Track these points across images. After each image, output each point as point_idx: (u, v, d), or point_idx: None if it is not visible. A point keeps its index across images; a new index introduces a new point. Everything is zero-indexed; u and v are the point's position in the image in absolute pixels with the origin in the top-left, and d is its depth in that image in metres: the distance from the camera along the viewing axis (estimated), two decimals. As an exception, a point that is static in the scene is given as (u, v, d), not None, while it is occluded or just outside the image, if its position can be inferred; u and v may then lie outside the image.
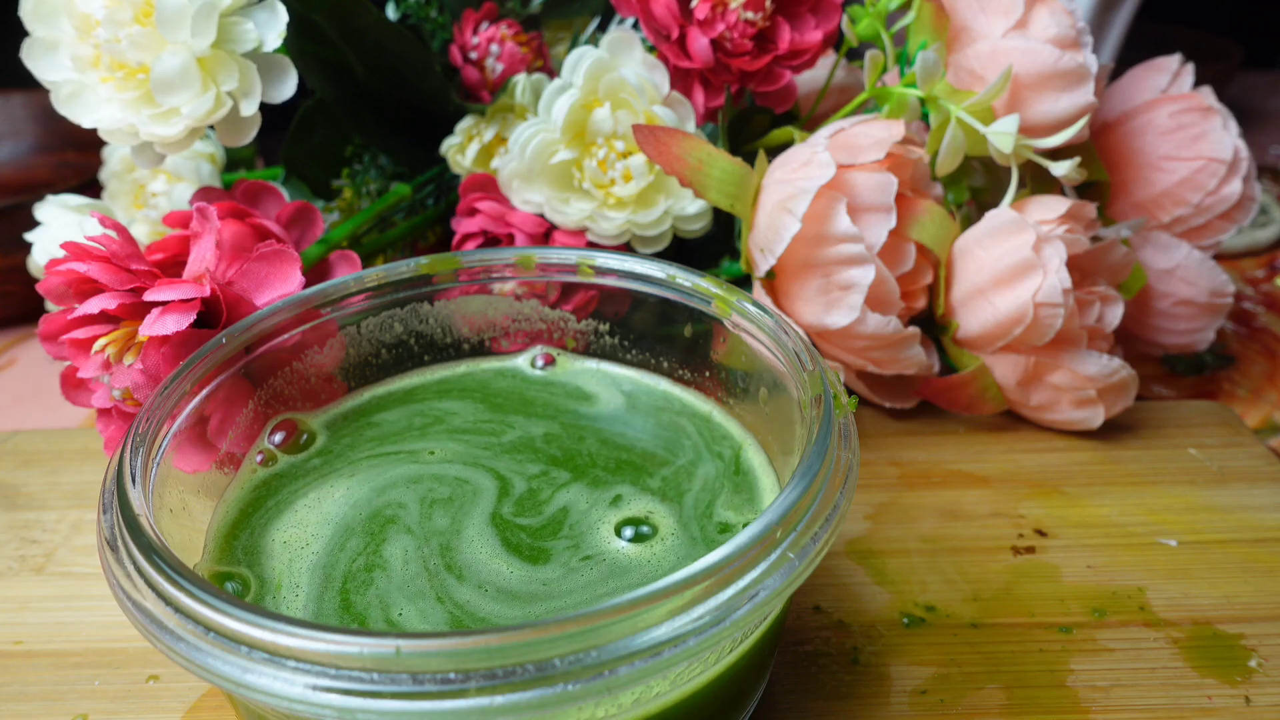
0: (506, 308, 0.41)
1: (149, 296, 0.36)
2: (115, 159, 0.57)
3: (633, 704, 0.27)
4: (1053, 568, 0.40)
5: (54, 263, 0.38)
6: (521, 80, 0.52)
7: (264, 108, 0.42)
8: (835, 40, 0.50)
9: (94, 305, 0.37)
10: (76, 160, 0.67)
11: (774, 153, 0.48)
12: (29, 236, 0.54)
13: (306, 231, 0.45)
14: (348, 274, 0.40)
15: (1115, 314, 0.47)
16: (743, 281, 0.50)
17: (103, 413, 0.40)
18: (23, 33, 0.41)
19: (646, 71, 0.48)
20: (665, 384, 0.40)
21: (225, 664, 0.24)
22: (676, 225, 0.49)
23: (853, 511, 0.43)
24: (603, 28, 0.59)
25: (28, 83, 0.44)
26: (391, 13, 0.56)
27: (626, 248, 0.49)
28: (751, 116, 0.52)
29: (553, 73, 0.55)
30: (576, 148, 0.48)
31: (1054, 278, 0.44)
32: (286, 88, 0.42)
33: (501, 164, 0.50)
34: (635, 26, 0.53)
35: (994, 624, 0.38)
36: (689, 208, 0.48)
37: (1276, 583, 0.39)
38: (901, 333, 0.45)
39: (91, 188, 0.60)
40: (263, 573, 0.32)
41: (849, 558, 0.41)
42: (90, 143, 0.53)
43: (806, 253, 0.44)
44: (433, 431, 0.38)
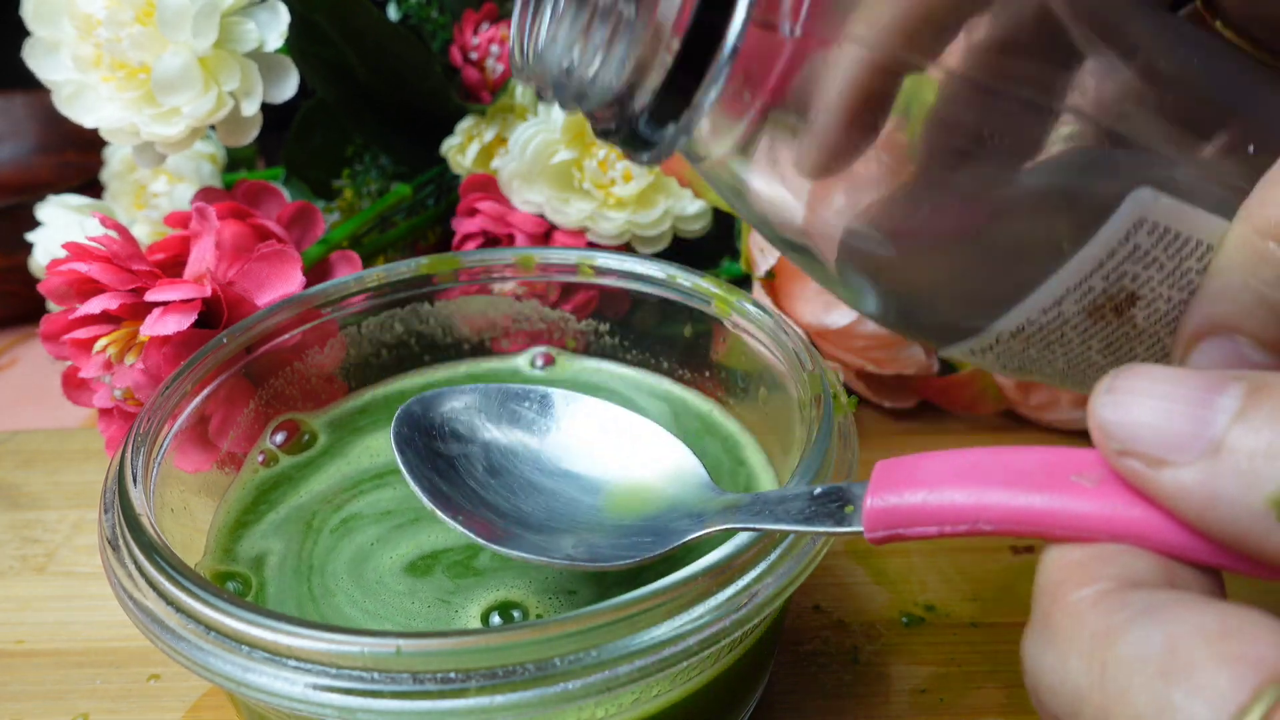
0: (507, 308, 0.41)
1: (150, 297, 0.37)
2: (116, 159, 0.57)
3: (632, 703, 0.27)
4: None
5: (55, 263, 0.38)
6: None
7: (265, 108, 0.42)
8: (835, 40, 0.50)
9: (95, 305, 0.37)
10: (78, 160, 0.67)
11: (774, 153, 0.48)
12: (30, 237, 0.54)
13: (307, 232, 0.45)
14: (348, 274, 0.41)
15: (1115, 314, 0.47)
16: (743, 281, 0.50)
17: (104, 412, 0.40)
18: (24, 33, 0.41)
19: (647, 72, 0.48)
20: (666, 383, 0.40)
21: (226, 663, 0.24)
22: (676, 225, 0.49)
23: (853, 511, 0.43)
24: (603, 28, 0.59)
25: (29, 83, 0.44)
26: (392, 13, 0.56)
27: (626, 248, 0.49)
28: (752, 117, 0.52)
29: (553, 73, 0.55)
30: (577, 148, 0.48)
31: (1054, 278, 0.44)
32: (288, 88, 0.42)
33: (502, 164, 0.51)
34: (635, 27, 0.53)
35: (994, 623, 0.38)
36: (689, 208, 0.48)
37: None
38: (901, 333, 0.45)
39: (93, 188, 0.60)
40: (264, 572, 0.32)
41: (849, 557, 0.41)
42: (91, 143, 0.53)
43: (806, 253, 0.44)
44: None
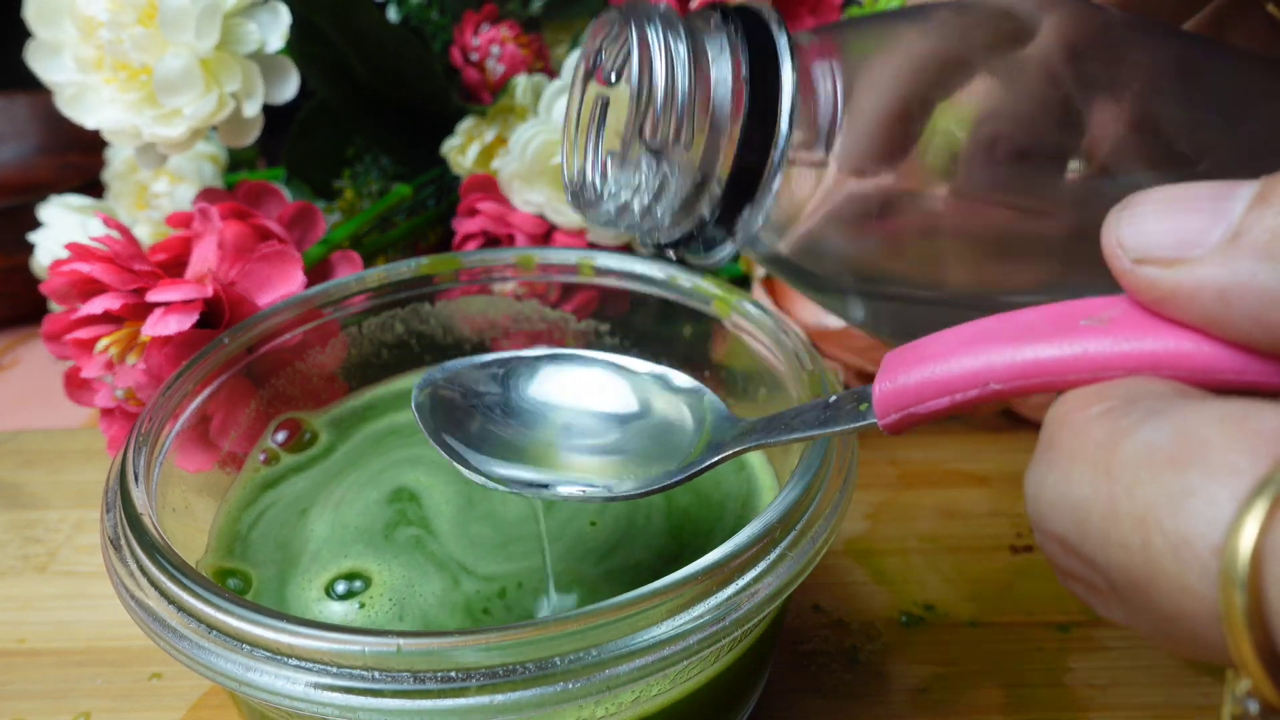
0: (507, 308, 0.42)
1: (152, 297, 0.37)
2: (118, 160, 0.57)
3: (632, 702, 0.27)
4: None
5: (57, 263, 0.39)
6: (522, 81, 0.52)
7: (266, 109, 0.42)
8: (835, 41, 0.50)
9: (97, 305, 0.37)
10: (79, 161, 0.67)
11: (774, 153, 0.48)
12: (32, 237, 0.54)
13: (308, 232, 0.45)
14: (349, 274, 0.41)
15: (1114, 314, 0.47)
16: (743, 281, 0.50)
17: (106, 412, 0.41)
18: (26, 34, 0.41)
19: (647, 72, 0.48)
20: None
21: (227, 662, 0.24)
22: (677, 226, 0.49)
23: (852, 511, 0.44)
24: (603, 29, 0.59)
25: (31, 84, 0.44)
26: (393, 14, 0.56)
27: (626, 248, 0.49)
28: (752, 117, 0.52)
29: (553, 74, 0.55)
30: (577, 148, 0.48)
31: (1053, 278, 0.44)
32: (289, 89, 0.42)
33: (502, 165, 0.51)
34: (636, 27, 0.53)
35: (993, 623, 0.38)
36: (689, 208, 0.48)
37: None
38: (901, 333, 0.45)
39: (94, 188, 0.60)
40: (264, 569, 0.32)
41: (848, 557, 0.41)
42: (93, 144, 0.53)
43: (806, 253, 0.44)
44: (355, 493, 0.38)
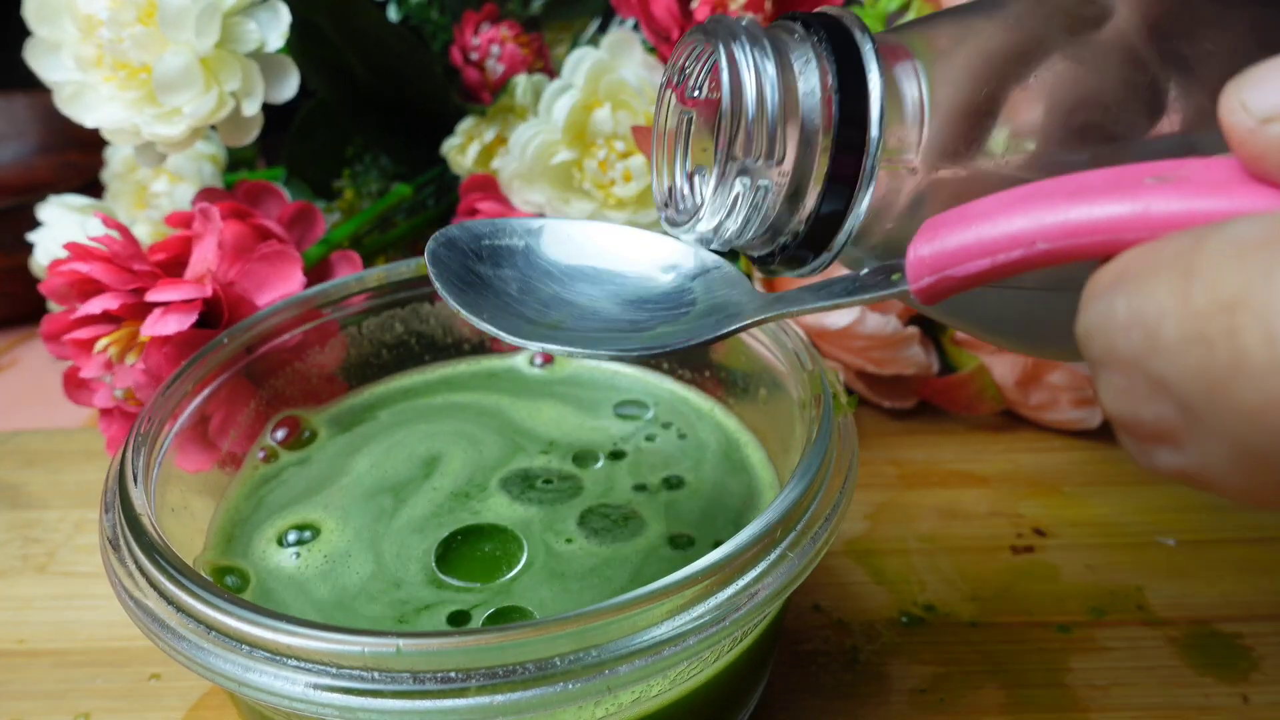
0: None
1: (151, 297, 0.37)
2: (117, 159, 0.57)
3: (632, 703, 0.27)
4: (1051, 567, 0.41)
5: (56, 263, 0.39)
6: (522, 81, 0.52)
7: (266, 108, 0.42)
8: (835, 41, 0.50)
9: (96, 305, 0.37)
10: (79, 161, 0.67)
11: (774, 153, 0.48)
12: (31, 237, 0.54)
13: (308, 232, 0.45)
14: (349, 274, 0.41)
15: (1114, 314, 0.47)
16: (743, 282, 0.50)
17: (105, 412, 0.41)
18: (25, 33, 0.41)
19: (646, 72, 0.48)
20: (667, 383, 0.40)
21: (227, 663, 0.24)
22: (677, 225, 0.49)
23: (852, 511, 0.44)
24: (603, 29, 0.59)
25: (30, 83, 0.44)
26: (393, 14, 0.56)
27: (627, 248, 0.49)
28: (751, 117, 0.52)
29: (553, 74, 0.55)
30: (577, 148, 0.48)
31: (1053, 278, 0.44)
32: (288, 88, 0.42)
33: (502, 164, 0.51)
34: (635, 28, 0.53)
35: (993, 623, 0.38)
36: (689, 208, 0.48)
37: (1274, 582, 0.40)
38: (900, 332, 0.45)
39: (94, 188, 0.60)
40: (262, 567, 0.32)
41: (848, 557, 0.41)
42: (92, 143, 0.53)
43: (806, 253, 0.44)
44: (435, 427, 0.38)
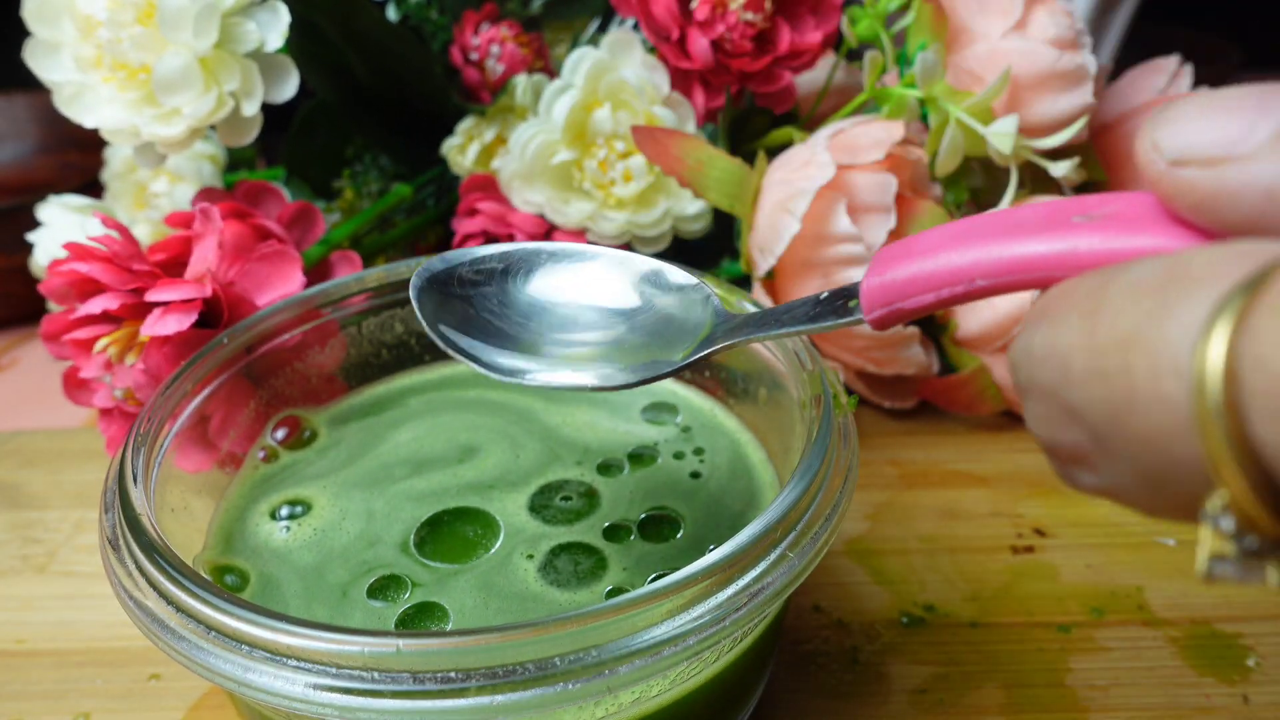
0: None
1: (150, 297, 0.37)
2: (117, 160, 0.57)
3: (632, 703, 0.27)
4: (1051, 567, 0.41)
5: (56, 263, 0.39)
6: (522, 81, 0.52)
7: (265, 108, 0.42)
8: (835, 41, 0.50)
9: (96, 305, 0.37)
10: (78, 161, 0.67)
11: (774, 153, 0.48)
12: (31, 237, 0.54)
13: (308, 232, 0.45)
14: (349, 274, 0.41)
15: (1114, 314, 0.47)
16: (743, 281, 0.50)
17: (104, 412, 0.41)
18: (25, 33, 0.41)
19: (646, 72, 0.48)
20: (667, 383, 0.40)
21: (226, 663, 0.24)
22: (676, 225, 0.49)
23: (852, 511, 0.44)
24: (603, 29, 0.59)
25: (30, 83, 0.44)
26: (392, 14, 0.56)
27: (627, 248, 0.49)
28: (751, 117, 0.52)
29: (553, 73, 0.55)
30: (577, 148, 0.48)
31: (1053, 278, 0.44)
32: (288, 88, 0.42)
33: (502, 164, 0.51)
34: (635, 27, 0.53)
35: (993, 623, 0.38)
36: (689, 208, 0.48)
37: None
38: (901, 333, 0.45)
39: (93, 188, 0.60)
40: (262, 566, 0.32)
41: (849, 557, 0.41)
42: (92, 143, 0.53)
43: (806, 253, 0.44)
44: (435, 426, 0.38)
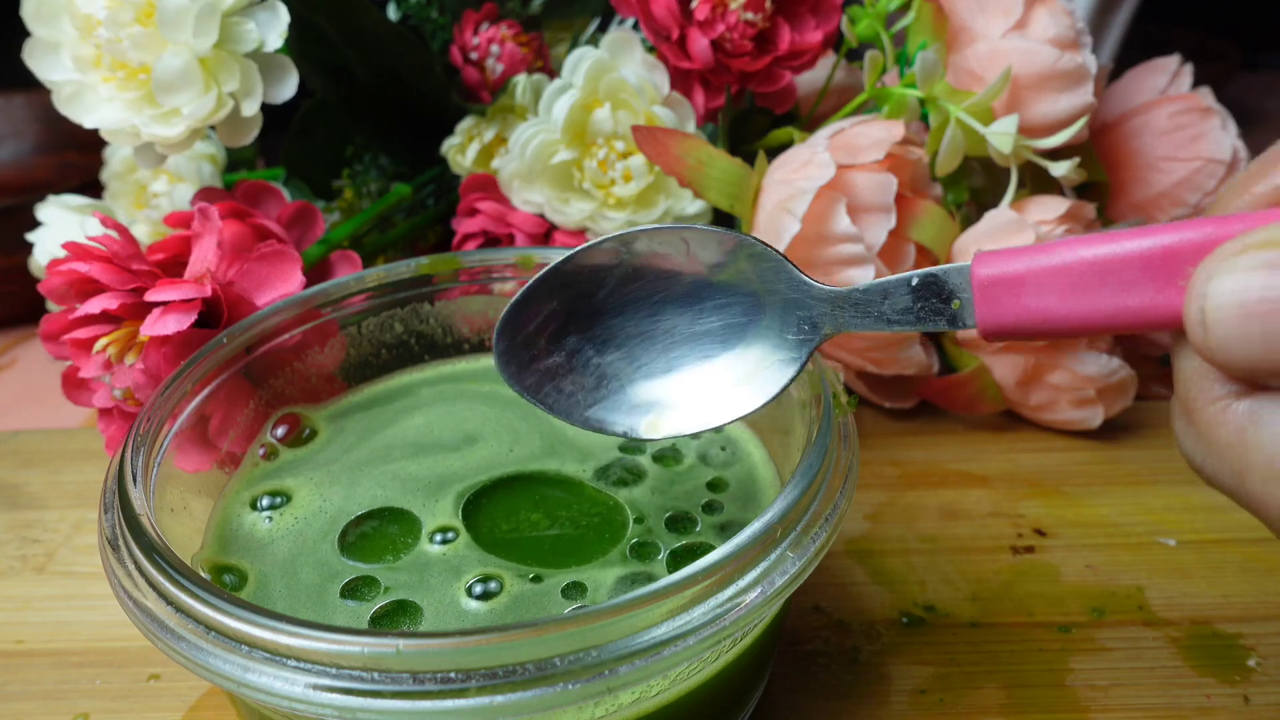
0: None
1: (150, 296, 0.37)
2: (117, 159, 0.57)
3: (632, 703, 0.27)
4: (1052, 567, 0.41)
5: (55, 263, 0.39)
6: (522, 81, 0.52)
7: (265, 108, 0.42)
8: (835, 41, 0.50)
9: (95, 305, 0.37)
10: (78, 161, 0.67)
11: (774, 153, 0.48)
12: (30, 237, 0.54)
13: (307, 231, 0.45)
14: (348, 274, 0.41)
15: (1115, 314, 0.47)
16: (743, 282, 0.50)
17: (104, 412, 0.41)
18: (24, 33, 0.41)
19: (646, 72, 0.48)
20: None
21: (226, 663, 0.24)
22: (676, 225, 0.49)
23: (852, 511, 0.44)
24: (603, 28, 0.59)
25: (29, 83, 0.44)
26: (392, 13, 0.56)
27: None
28: (751, 117, 0.52)
29: (553, 73, 0.55)
30: (577, 148, 0.48)
31: (1053, 278, 0.44)
32: (287, 88, 0.42)
33: (502, 164, 0.51)
34: (635, 27, 0.53)
35: (993, 623, 0.38)
36: (689, 208, 0.48)
37: (1275, 582, 0.39)
38: (901, 333, 0.45)
39: (93, 188, 0.60)
40: (261, 564, 0.32)
41: (849, 557, 0.41)
42: (92, 143, 0.53)
43: (806, 253, 0.44)
44: (435, 424, 0.38)
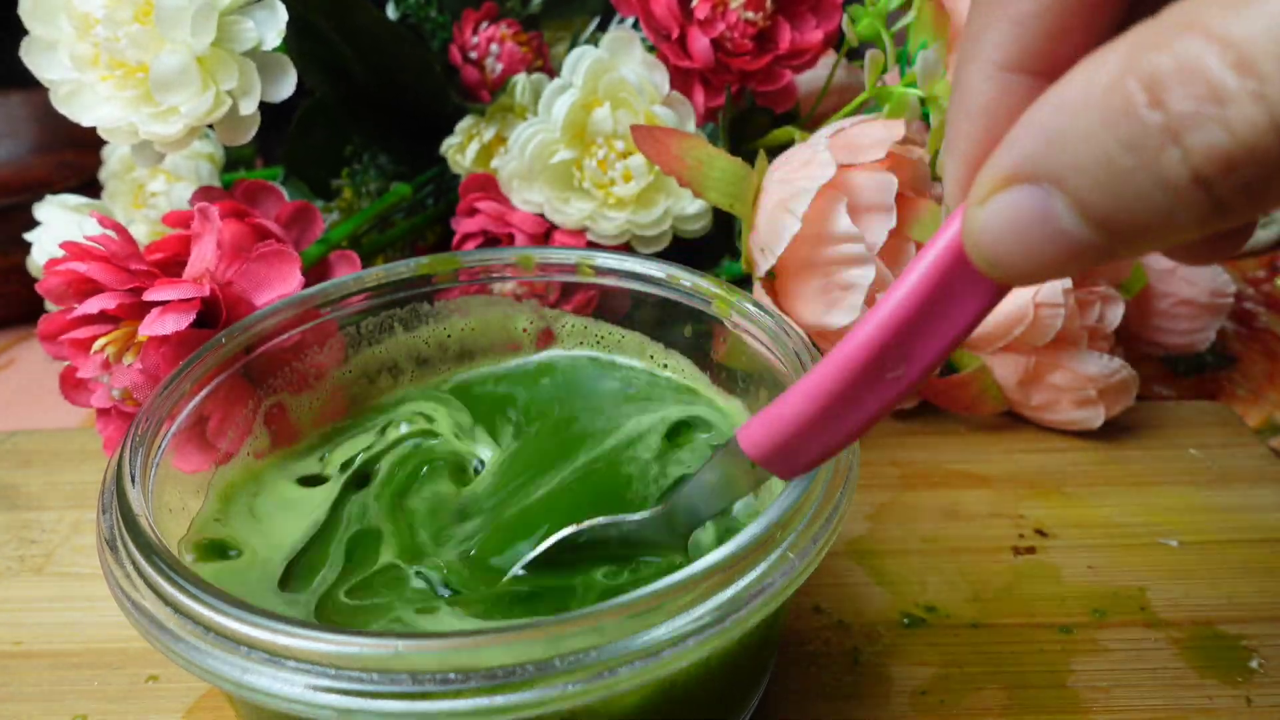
0: (506, 308, 0.41)
1: (148, 296, 0.36)
2: (114, 158, 0.57)
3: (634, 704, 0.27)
4: (1053, 568, 0.40)
5: (53, 262, 0.38)
6: (521, 80, 0.52)
7: (263, 107, 0.42)
8: (835, 40, 0.50)
9: (93, 305, 0.37)
10: (76, 160, 0.66)
11: (774, 153, 0.48)
12: (28, 236, 0.54)
13: (306, 231, 0.45)
14: (347, 274, 0.40)
15: (1115, 314, 0.47)
16: (743, 281, 0.50)
17: (102, 413, 0.40)
18: (22, 31, 0.41)
19: (646, 71, 0.48)
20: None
21: (224, 664, 0.24)
22: (676, 225, 0.49)
23: (853, 511, 0.43)
24: (603, 27, 0.59)
25: (27, 82, 0.44)
26: (391, 12, 0.56)
27: (626, 248, 0.49)
28: (752, 116, 0.52)
29: (552, 72, 0.55)
30: (576, 147, 0.48)
31: (1054, 278, 0.44)
32: (286, 87, 0.42)
33: (501, 164, 0.50)
34: (635, 26, 0.53)
35: (994, 624, 0.38)
36: (689, 208, 0.48)
37: (1277, 583, 0.39)
38: (902, 333, 0.45)
39: (91, 187, 0.60)
40: (253, 540, 0.32)
41: (849, 558, 0.41)
42: (90, 142, 0.53)
43: (807, 252, 0.44)
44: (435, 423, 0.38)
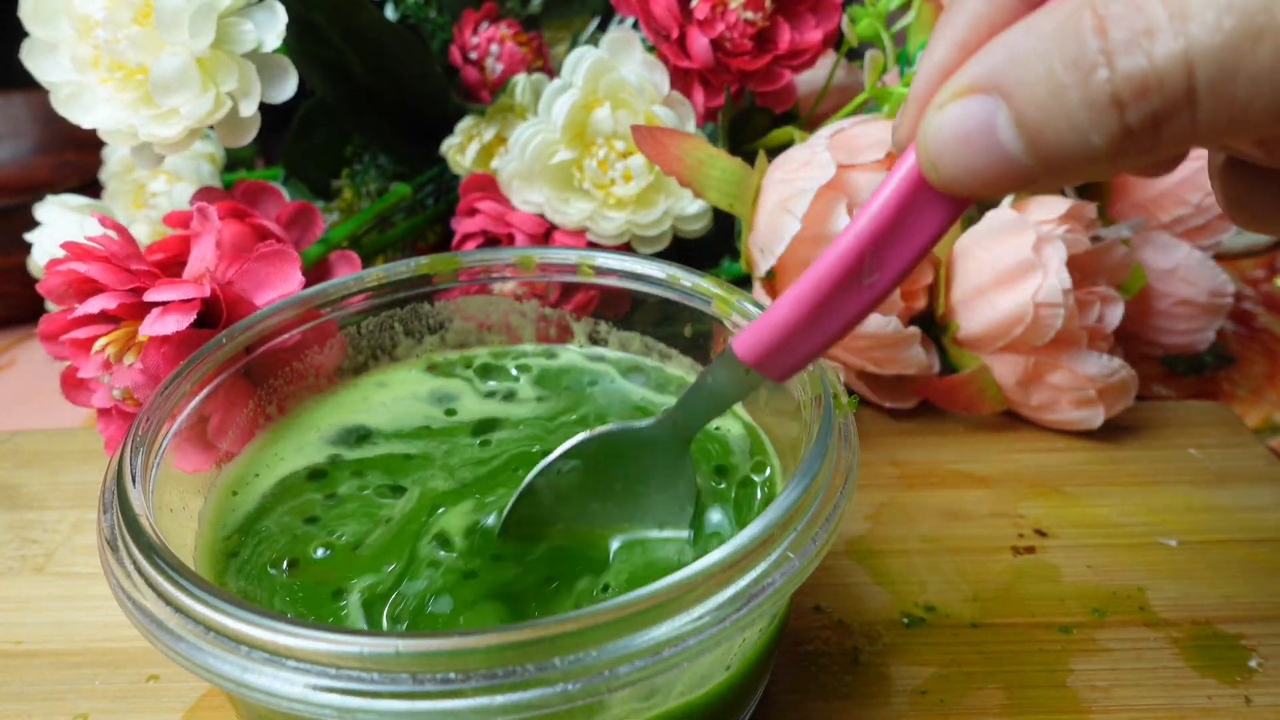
0: (506, 308, 0.41)
1: (149, 296, 0.36)
2: (115, 159, 0.57)
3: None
4: (1053, 568, 0.40)
5: (54, 263, 0.38)
6: (521, 80, 0.52)
7: (264, 108, 0.42)
8: (835, 40, 0.50)
9: (94, 305, 0.37)
10: (76, 160, 0.67)
11: (774, 153, 0.48)
12: (29, 237, 0.54)
13: (306, 231, 0.45)
14: (348, 274, 0.41)
15: (1115, 314, 0.47)
16: (743, 281, 0.50)
17: (103, 413, 0.40)
18: (23, 33, 0.41)
19: (646, 71, 0.48)
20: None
21: (225, 663, 0.24)
22: (676, 225, 0.49)
23: (853, 511, 0.43)
24: (603, 28, 0.59)
25: (28, 83, 0.44)
26: (391, 13, 0.56)
27: (626, 248, 0.49)
28: (751, 116, 0.52)
29: (553, 73, 0.55)
30: (576, 148, 0.48)
31: (1054, 278, 0.44)
32: (286, 88, 0.42)
33: (501, 164, 0.50)
34: (635, 26, 0.53)
35: (994, 624, 0.38)
36: (689, 208, 0.48)
37: (1276, 583, 0.39)
38: (902, 333, 0.45)
39: (91, 188, 0.60)
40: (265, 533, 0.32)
41: (849, 558, 0.41)
42: (90, 143, 0.53)
43: (807, 253, 0.44)
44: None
